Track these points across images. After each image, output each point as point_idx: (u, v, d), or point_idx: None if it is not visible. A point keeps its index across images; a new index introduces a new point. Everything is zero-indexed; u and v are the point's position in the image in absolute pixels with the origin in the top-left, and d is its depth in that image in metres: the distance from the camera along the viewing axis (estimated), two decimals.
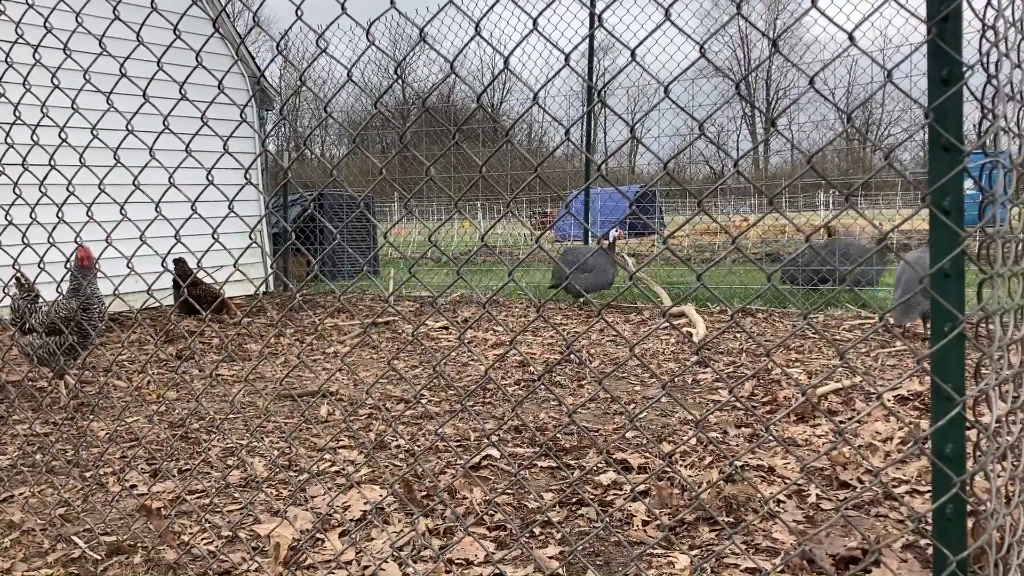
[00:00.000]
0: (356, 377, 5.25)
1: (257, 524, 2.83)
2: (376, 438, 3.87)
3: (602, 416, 4.15)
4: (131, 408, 4.55)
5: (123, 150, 2.39)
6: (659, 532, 2.70)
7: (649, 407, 4.25)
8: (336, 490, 3.15)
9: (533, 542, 2.66)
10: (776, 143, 43.45)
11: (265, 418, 4.30)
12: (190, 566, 2.54)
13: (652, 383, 4.82)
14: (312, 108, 32.35)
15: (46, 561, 2.64)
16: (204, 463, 3.58)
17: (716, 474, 3.11)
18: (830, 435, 3.67)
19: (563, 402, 3.49)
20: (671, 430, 3.85)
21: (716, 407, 3.40)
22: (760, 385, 4.62)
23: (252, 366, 5.74)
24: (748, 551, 2.49)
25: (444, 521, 2.81)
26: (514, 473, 3.21)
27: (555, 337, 6.54)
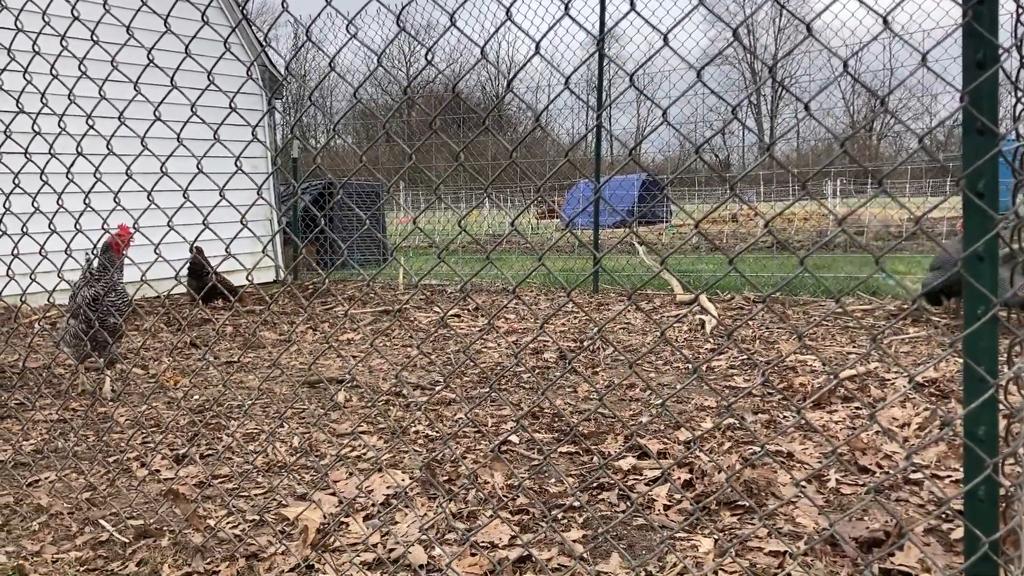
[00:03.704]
0: (371, 364, 5.28)
1: (282, 508, 2.86)
2: (395, 424, 3.90)
3: (618, 403, 4.17)
4: (151, 394, 4.59)
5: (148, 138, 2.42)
6: (680, 516, 2.73)
7: (680, 392, 4.27)
8: (359, 474, 3.18)
9: (556, 526, 2.68)
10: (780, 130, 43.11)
11: (285, 404, 4.33)
12: (216, 549, 2.57)
13: (666, 370, 4.83)
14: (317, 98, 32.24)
15: (75, 544, 2.67)
16: (226, 448, 3.61)
17: (736, 459, 3.13)
18: (848, 421, 3.69)
19: (594, 387, 3.51)
20: (688, 416, 3.87)
21: (743, 393, 3.42)
22: (775, 372, 4.63)
23: (268, 353, 5.77)
24: (771, 534, 2.51)
25: (467, 505, 2.84)
26: (544, 455, 3.24)
27: (567, 324, 6.55)
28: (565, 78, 1.78)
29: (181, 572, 2.42)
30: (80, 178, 2.54)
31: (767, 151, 1.80)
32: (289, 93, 10.08)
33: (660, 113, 1.72)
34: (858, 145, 32.88)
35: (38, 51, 2.54)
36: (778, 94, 45.15)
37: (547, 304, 7.80)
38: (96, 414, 4.22)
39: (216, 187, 2.25)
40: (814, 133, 27.53)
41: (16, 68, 2.59)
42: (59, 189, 2.60)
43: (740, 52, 32.62)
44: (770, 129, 44.76)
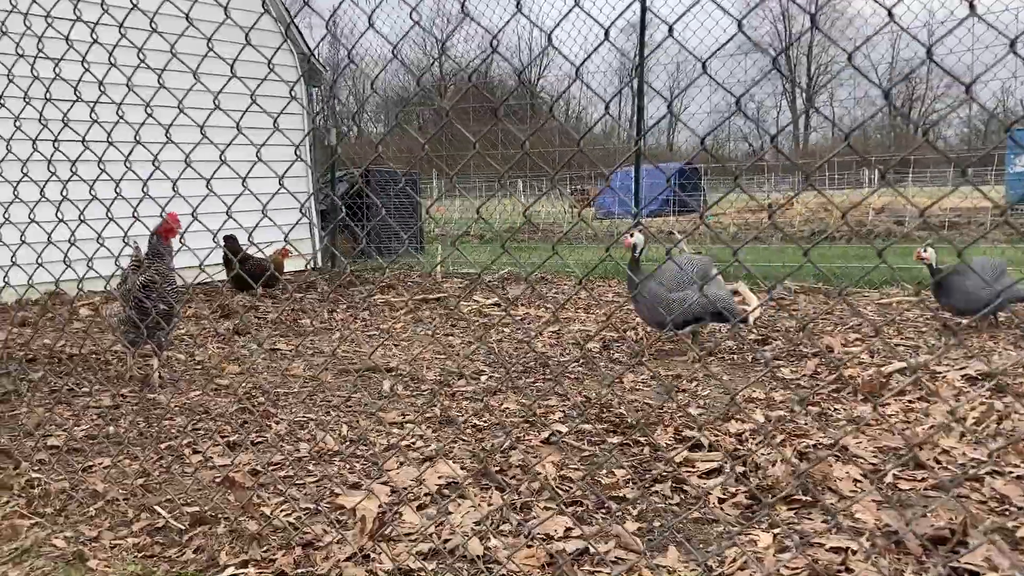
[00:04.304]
0: (414, 353, 5.29)
1: (335, 497, 2.87)
2: (443, 413, 3.89)
3: (663, 394, 4.13)
4: (197, 382, 4.63)
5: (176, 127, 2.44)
6: (735, 510, 2.69)
7: (754, 383, 4.23)
8: (409, 464, 3.18)
9: (611, 518, 2.66)
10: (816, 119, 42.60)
11: (331, 393, 4.35)
12: (272, 537, 2.58)
13: (711, 361, 4.78)
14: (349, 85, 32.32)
15: (131, 530, 2.70)
16: (276, 436, 3.63)
17: (790, 452, 3.09)
18: (901, 414, 3.62)
19: (659, 377, 3.48)
20: (736, 408, 3.82)
21: (826, 385, 3.37)
22: (823, 364, 4.57)
23: (310, 341, 5.80)
24: (832, 530, 2.47)
25: (520, 496, 2.82)
26: (609, 449, 3.22)
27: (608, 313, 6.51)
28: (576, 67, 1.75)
29: (238, 560, 2.43)
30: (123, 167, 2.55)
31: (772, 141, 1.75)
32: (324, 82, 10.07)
33: (695, 103, 1.69)
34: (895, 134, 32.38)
35: (96, 39, 2.54)
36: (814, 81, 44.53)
37: (587, 294, 7.77)
38: (146, 400, 4.26)
39: (275, 175, 2.25)
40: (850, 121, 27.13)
41: (74, 58, 2.60)
42: (111, 177, 2.62)
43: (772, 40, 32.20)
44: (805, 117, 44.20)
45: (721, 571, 2.24)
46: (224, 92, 2.29)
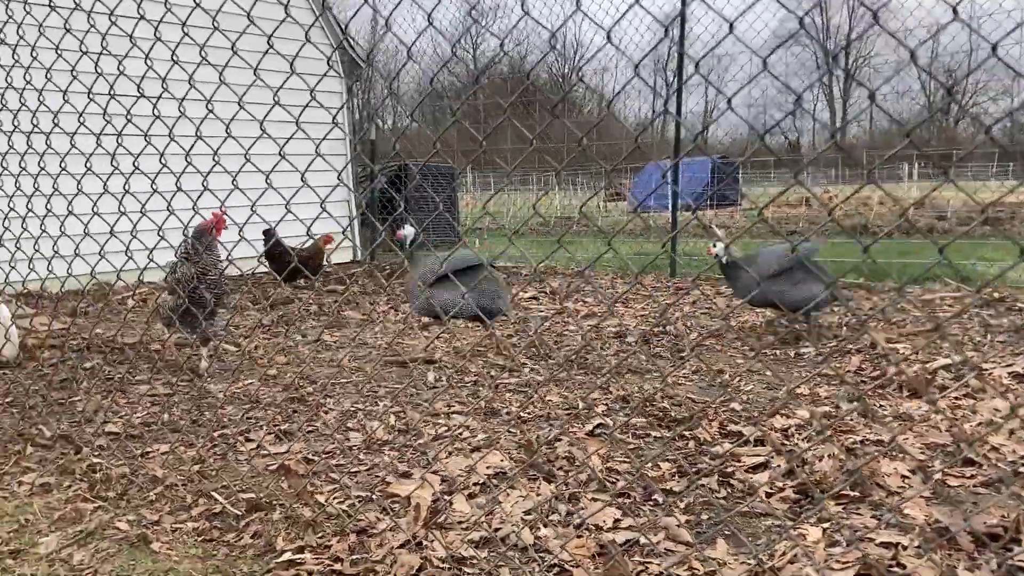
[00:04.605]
0: (456, 345, 5.34)
1: (385, 485, 2.93)
2: (486, 404, 3.94)
3: (707, 389, 4.14)
4: (246, 371, 4.72)
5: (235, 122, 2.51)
6: (783, 504, 2.71)
7: (804, 380, 4.23)
8: (457, 454, 3.23)
9: (658, 510, 2.69)
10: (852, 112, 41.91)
11: (376, 383, 4.42)
12: (326, 524, 2.64)
13: (753, 355, 4.78)
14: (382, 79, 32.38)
15: (191, 515, 2.78)
16: (325, 426, 3.70)
17: (837, 448, 3.09)
18: (948, 411, 3.60)
19: (710, 367, 3.49)
20: (781, 403, 3.83)
21: (874, 383, 3.37)
22: (867, 360, 4.55)
23: (354, 332, 5.88)
24: (882, 525, 2.47)
25: (568, 487, 2.86)
26: (665, 441, 3.24)
27: (647, 308, 6.52)
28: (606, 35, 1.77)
29: (295, 545, 2.50)
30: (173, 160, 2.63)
31: (834, 137, 1.76)
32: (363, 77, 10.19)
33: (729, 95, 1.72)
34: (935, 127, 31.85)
35: (159, 37, 2.61)
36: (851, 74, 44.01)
37: (623, 288, 7.77)
38: (198, 389, 4.36)
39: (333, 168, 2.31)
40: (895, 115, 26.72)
41: (138, 55, 2.68)
42: (172, 171, 2.69)
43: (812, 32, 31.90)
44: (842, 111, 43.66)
45: (771, 564, 2.26)
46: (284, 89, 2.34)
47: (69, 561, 2.47)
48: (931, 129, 31.88)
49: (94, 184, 3.08)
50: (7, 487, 3.07)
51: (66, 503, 2.89)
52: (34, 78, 3.04)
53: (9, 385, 4.46)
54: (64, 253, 3.10)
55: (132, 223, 2.92)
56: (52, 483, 3.08)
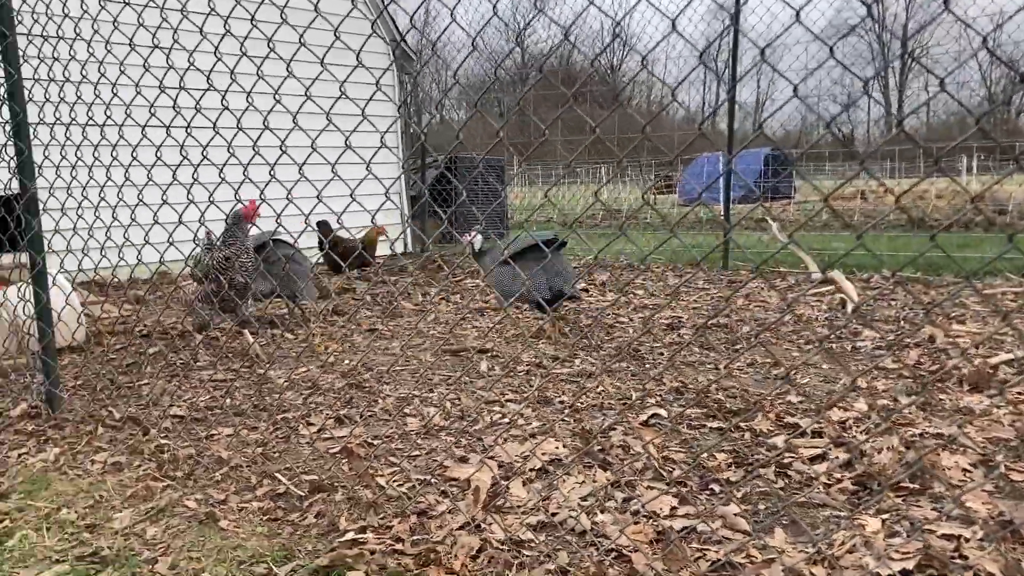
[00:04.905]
0: (507, 336, 5.39)
1: (443, 469, 2.98)
2: (539, 393, 3.98)
3: (762, 381, 4.13)
4: (303, 358, 4.83)
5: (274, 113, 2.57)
6: (841, 496, 2.70)
7: (862, 373, 4.20)
8: (512, 441, 3.28)
9: (715, 499, 2.70)
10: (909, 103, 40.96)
11: (431, 371, 4.49)
12: (386, 505, 2.70)
13: (810, 348, 4.74)
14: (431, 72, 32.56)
15: (256, 495, 2.86)
16: (382, 411, 3.77)
17: (897, 440, 3.06)
18: (1010, 406, 3.55)
19: (779, 360, 3.49)
20: (839, 397, 3.80)
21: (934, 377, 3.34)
22: (926, 354, 4.49)
23: (408, 321, 5.96)
24: (943, 517, 2.46)
25: (623, 475, 2.89)
26: (722, 431, 3.25)
27: (700, 301, 6.50)
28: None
29: (357, 525, 2.56)
30: (251, 151, 2.70)
31: (898, 125, 1.74)
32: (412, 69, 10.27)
33: (781, 86, 1.71)
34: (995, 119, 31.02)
35: (229, 30, 2.69)
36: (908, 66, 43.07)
37: (675, 280, 7.75)
38: (258, 375, 4.47)
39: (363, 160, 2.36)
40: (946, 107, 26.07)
41: (208, 49, 2.76)
42: (240, 162, 2.77)
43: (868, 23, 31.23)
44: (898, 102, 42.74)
45: (830, 553, 2.26)
46: (349, 82, 2.40)
47: (142, 536, 2.57)
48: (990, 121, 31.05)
49: (163, 175, 3.18)
50: (80, 465, 3.20)
51: (137, 481, 3.00)
52: (108, 71, 3.15)
53: (79, 369, 4.63)
54: (135, 242, 3.21)
55: (200, 212, 3.01)
56: (123, 462, 3.19)
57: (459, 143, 14.28)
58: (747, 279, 6.43)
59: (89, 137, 3.36)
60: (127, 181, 3.22)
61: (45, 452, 3.34)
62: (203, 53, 2.77)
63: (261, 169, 2.78)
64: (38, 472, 3.14)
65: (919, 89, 42.07)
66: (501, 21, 2.22)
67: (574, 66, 34.99)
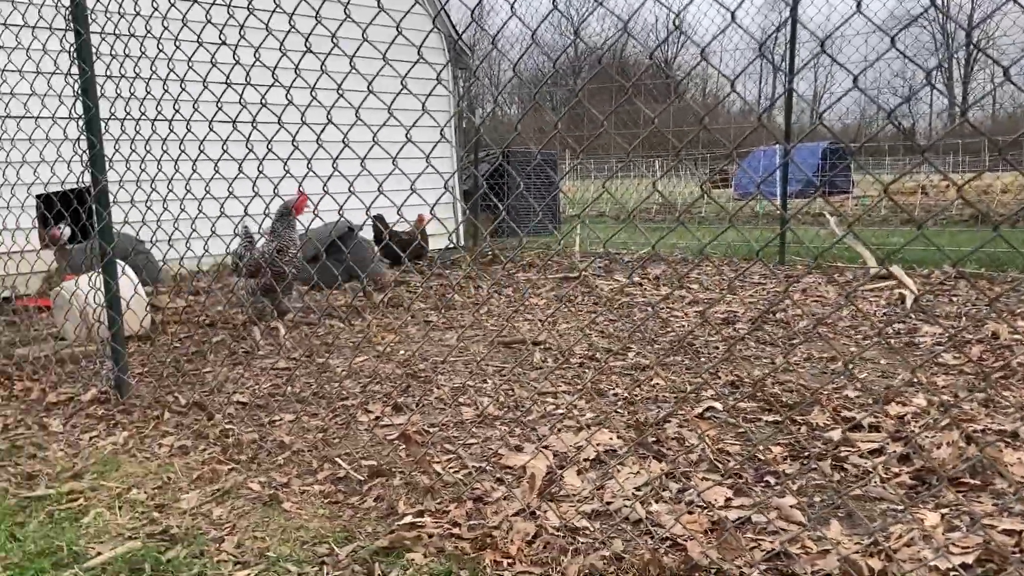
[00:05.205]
0: (559, 329, 5.42)
1: (498, 457, 3.03)
2: (592, 386, 4.00)
3: (819, 376, 4.09)
4: (360, 348, 4.92)
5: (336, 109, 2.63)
6: (899, 490, 2.68)
7: (918, 367, 4.15)
8: (566, 431, 3.31)
9: (770, 491, 2.70)
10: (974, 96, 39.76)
11: (485, 362, 4.54)
12: (443, 491, 2.76)
13: (868, 343, 4.69)
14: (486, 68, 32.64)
15: (316, 479, 2.94)
16: (437, 400, 3.84)
17: (957, 436, 3.02)
18: None
19: (840, 352, 3.46)
20: (896, 391, 3.75)
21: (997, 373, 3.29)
22: (989, 350, 4.40)
23: (461, 314, 6.03)
24: (1002, 513, 2.43)
25: (678, 466, 2.90)
26: (777, 424, 3.24)
27: (756, 296, 6.45)
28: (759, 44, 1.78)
29: (415, 509, 2.62)
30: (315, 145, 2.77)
31: (962, 116, 1.71)
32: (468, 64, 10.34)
33: (839, 79, 1.70)
34: None
35: (293, 26, 2.76)
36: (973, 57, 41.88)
37: (732, 274, 7.69)
38: (316, 364, 4.57)
39: (423, 154, 2.41)
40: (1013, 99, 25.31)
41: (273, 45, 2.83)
42: (304, 155, 2.85)
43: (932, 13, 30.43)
44: (962, 95, 41.59)
45: (887, 546, 2.25)
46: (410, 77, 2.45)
47: (209, 516, 2.66)
48: None
49: (229, 168, 3.27)
50: (148, 448, 3.32)
51: (203, 464, 3.11)
52: (176, 67, 3.25)
53: (146, 356, 4.79)
54: (202, 234, 3.31)
55: (265, 204, 3.10)
56: (189, 446, 3.31)
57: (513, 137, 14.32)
58: (803, 273, 6.36)
59: (158, 131, 3.47)
60: (194, 174, 3.32)
61: (115, 435, 3.47)
62: (268, 50, 2.85)
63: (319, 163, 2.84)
64: (108, 454, 3.27)
65: (984, 81, 40.87)
66: (560, 14, 2.24)
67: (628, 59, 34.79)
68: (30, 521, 2.67)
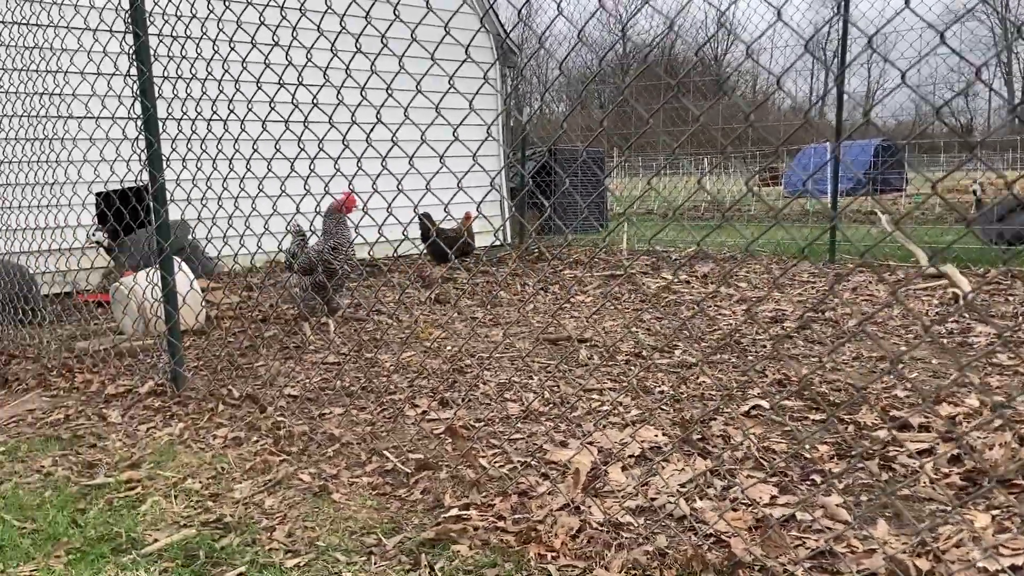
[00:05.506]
0: (605, 326, 5.43)
1: (543, 452, 3.06)
2: (638, 383, 4.01)
3: (868, 375, 4.05)
4: (408, 344, 4.99)
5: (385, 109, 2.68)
6: (949, 491, 2.65)
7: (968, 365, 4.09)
8: (611, 427, 3.33)
9: (816, 490, 2.68)
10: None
11: (530, 359, 4.57)
12: (488, 485, 2.80)
13: (922, 343, 4.61)
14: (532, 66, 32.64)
15: (365, 471, 3.00)
16: (483, 395, 3.88)
17: (1011, 437, 2.97)
18: None
19: (884, 348, 3.43)
20: (947, 391, 3.70)
21: None
22: None
23: (507, 310, 6.07)
24: None
25: (723, 463, 2.90)
26: (824, 423, 3.22)
27: (805, 294, 6.38)
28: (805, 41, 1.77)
29: (461, 502, 2.66)
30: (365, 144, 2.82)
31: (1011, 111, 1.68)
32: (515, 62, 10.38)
33: (894, 74, 1.68)
34: None
35: (344, 28, 2.82)
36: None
37: (781, 272, 7.62)
38: (364, 359, 4.65)
39: (469, 152, 2.44)
40: None
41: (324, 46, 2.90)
42: (354, 154, 2.90)
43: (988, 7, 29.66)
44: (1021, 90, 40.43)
45: (935, 546, 2.23)
46: (457, 76, 2.49)
47: (261, 505, 2.74)
48: None
49: (282, 167, 3.35)
50: (203, 439, 3.41)
51: (255, 455, 3.19)
52: (231, 68, 3.34)
53: (201, 350, 4.91)
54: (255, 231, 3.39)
55: (317, 202, 3.17)
56: (242, 437, 3.39)
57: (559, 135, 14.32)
58: (851, 269, 6.28)
59: (213, 131, 3.56)
60: (248, 172, 3.41)
61: (171, 426, 3.58)
62: (320, 50, 2.91)
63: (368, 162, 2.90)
64: (165, 444, 3.37)
65: None
66: (607, 13, 2.26)
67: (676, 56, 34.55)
68: (91, 508, 2.77)
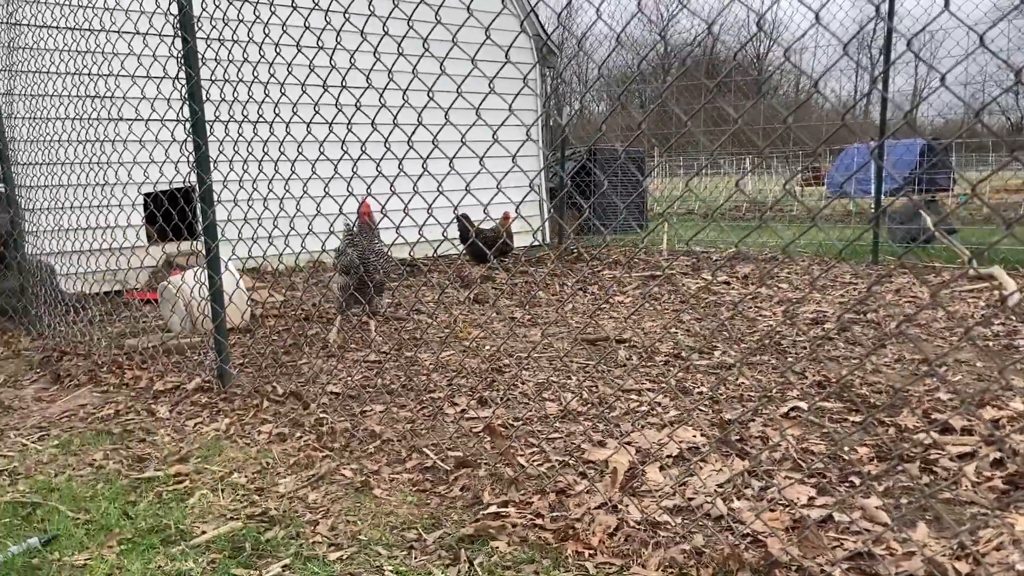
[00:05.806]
0: (644, 327, 5.43)
1: (581, 452, 3.08)
2: (676, 384, 4.02)
3: (909, 377, 4.01)
4: (447, 343, 5.05)
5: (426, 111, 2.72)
6: (990, 495, 2.62)
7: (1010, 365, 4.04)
8: (649, 428, 3.34)
9: (855, 492, 2.68)
10: None
11: (569, 359, 4.60)
12: (526, 483, 2.83)
13: (963, 345, 4.55)
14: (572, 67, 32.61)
15: (405, 467, 3.06)
16: (522, 395, 3.91)
17: None
18: None
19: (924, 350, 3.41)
20: (992, 395, 3.65)
21: None
22: None
23: (546, 311, 6.10)
24: None
25: (761, 464, 2.90)
26: (864, 425, 3.21)
27: (847, 295, 6.32)
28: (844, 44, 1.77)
29: (499, 500, 2.70)
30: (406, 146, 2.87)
31: None
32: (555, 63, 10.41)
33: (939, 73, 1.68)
34: None
35: (387, 31, 2.87)
36: None
37: (820, 272, 7.55)
38: (404, 358, 4.71)
39: (508, 154, 2.48)
40: None
41: (367, 49, 2.95)
42: (395, 156, 2.96)
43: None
44: None
45: (975, 549, 2.22)
46: (499, 77, 2.53)
47: (304, 499, 2.80)
48: None
49: (325, 169, 3.42)
50: (248, 435, 3.49)
51: (299, 451, 3.26)
52: (276, 72, 3.41)
53: (246, 348, 5.02)
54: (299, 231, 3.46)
55: (358, 203, 3.23)
56: (286, 433, 3.47)
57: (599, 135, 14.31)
58: (891, 270, 6.20)
59: (259, 133, 3.65)
60: (293, 174, 3.48)
61: (217, 422, 3.67)
62: (363, 53, 2.97)
63: (409, 163, 2.95)
64: (211, 440, 3.46)
65: None
66: (646, 16, 2.28)
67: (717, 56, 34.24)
68: (141, 500, 2.86)
